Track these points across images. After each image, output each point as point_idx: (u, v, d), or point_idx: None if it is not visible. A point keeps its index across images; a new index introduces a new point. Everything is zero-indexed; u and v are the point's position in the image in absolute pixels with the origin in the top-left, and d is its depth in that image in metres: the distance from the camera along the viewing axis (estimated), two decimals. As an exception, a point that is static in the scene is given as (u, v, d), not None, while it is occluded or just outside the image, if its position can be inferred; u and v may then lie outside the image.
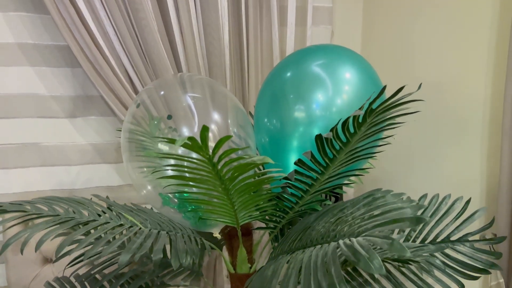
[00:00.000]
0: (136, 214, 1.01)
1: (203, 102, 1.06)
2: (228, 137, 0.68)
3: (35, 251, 0.80)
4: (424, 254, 0.92)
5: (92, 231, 0.83)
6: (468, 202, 1.07)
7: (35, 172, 1.69)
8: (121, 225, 0.90)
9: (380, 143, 1.04)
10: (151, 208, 1.33)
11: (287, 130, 1.07)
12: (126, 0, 1.52)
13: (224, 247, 1.38)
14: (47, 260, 1.58)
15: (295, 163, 0.89)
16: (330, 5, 1.88)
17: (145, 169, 1.15)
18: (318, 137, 0.82)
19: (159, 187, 1.13)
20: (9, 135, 1.64)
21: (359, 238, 0.68)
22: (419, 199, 1.11)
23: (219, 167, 0.79)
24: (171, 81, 1.06)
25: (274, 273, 0.84)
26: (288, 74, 1.06)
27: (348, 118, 0.79)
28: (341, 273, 0.65)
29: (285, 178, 0.94)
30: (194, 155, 0.79)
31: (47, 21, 1.61)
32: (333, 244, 0.73)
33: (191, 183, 0.86)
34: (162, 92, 1.04)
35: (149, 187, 1.13)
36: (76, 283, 1.11)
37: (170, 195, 1.12)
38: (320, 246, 0.78)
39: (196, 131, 1.04)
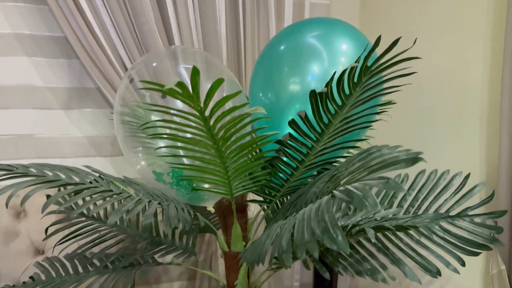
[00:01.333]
0: (128, 185, 0.99)
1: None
2: (221, 80, 0.66)
3: (21, 205, 0.77)
4: (419, 222, 0.89)
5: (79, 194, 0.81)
6: (467, 177, 1.05)
7: (29, 164, 1.66)
8: (111, 190, 0.88)
9: (375, 124, 1.03)
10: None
11: (282, 104, 1.06)
12: (123, -11, 1.53)
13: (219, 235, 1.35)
14: (38, 252, 1.54)
15: (289, 124, 0.87)
16: (327, 2, 1.90)
17: (140, 148, 1.13)
18: (312, 94, 0.81)
19: (155, 165, 1.11)
20: (3, 126, 1.62)
21: (354, 184, 0.66)
22: (417, 175, 1.09)
23: (212, 122, 0.77)
24: (163, 53, 1.05)
25: (268, 236, 0.81)
26: (283, 46, 1.05)
27: (344, 72, 0.77)
28: (335, 219, 0.63)
29: (279, 141, 0.92)
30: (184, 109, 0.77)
31: (45, 12, 1.61)
32: (327, 196, 0.71)
33: (180, 144, 0.84)
34: (154, 64, 1.03)
35: (143, 163, 1.11)
36: (65, 262, 1.08)
37: (163, 172, 1.10)
38: (313, 204, 0.76)
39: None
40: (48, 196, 1.17)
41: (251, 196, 1.16)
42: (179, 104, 1.01)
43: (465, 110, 1.30)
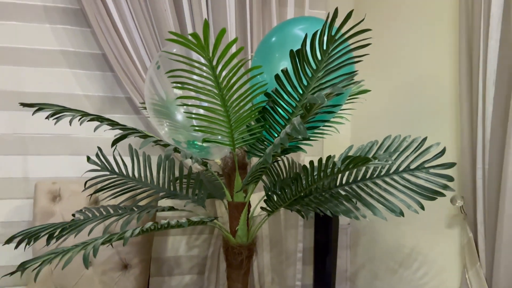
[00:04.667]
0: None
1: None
2: (223, 31, 0.95)
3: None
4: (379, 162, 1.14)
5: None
6: (424, 139, 1.30)
7: (65, 160, 1.96)
8: (140, 132, 1.15)
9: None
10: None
11: (275, 83, 1.34)
12: (151, 13, 1.87)
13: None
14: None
15: (275, 78, 1.15)
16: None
17: (165, 124, 1.41)
18: (291, 53, 1.10)
19: (174, 136, 1.38)
20: (45, 126, 1.93)
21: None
22: (384, 139, 1.34)
23: (218, 71, 1.05)
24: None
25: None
26: (274, 38, 1.35)
27: (314, 36, 1.06)
28: (301, 121, 0.89)
29: (267, 94, 1.19)
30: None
31: (86, 33, 1.98)
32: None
33: (194, 94, 1.12)
34: (174, 50, 1.33)
35: (166, 129, 1.38)
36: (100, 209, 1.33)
37: (181, 141, 1.37)
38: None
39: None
40: (88, 158, 1.45)
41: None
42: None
43: (440, 109, 1.58)
